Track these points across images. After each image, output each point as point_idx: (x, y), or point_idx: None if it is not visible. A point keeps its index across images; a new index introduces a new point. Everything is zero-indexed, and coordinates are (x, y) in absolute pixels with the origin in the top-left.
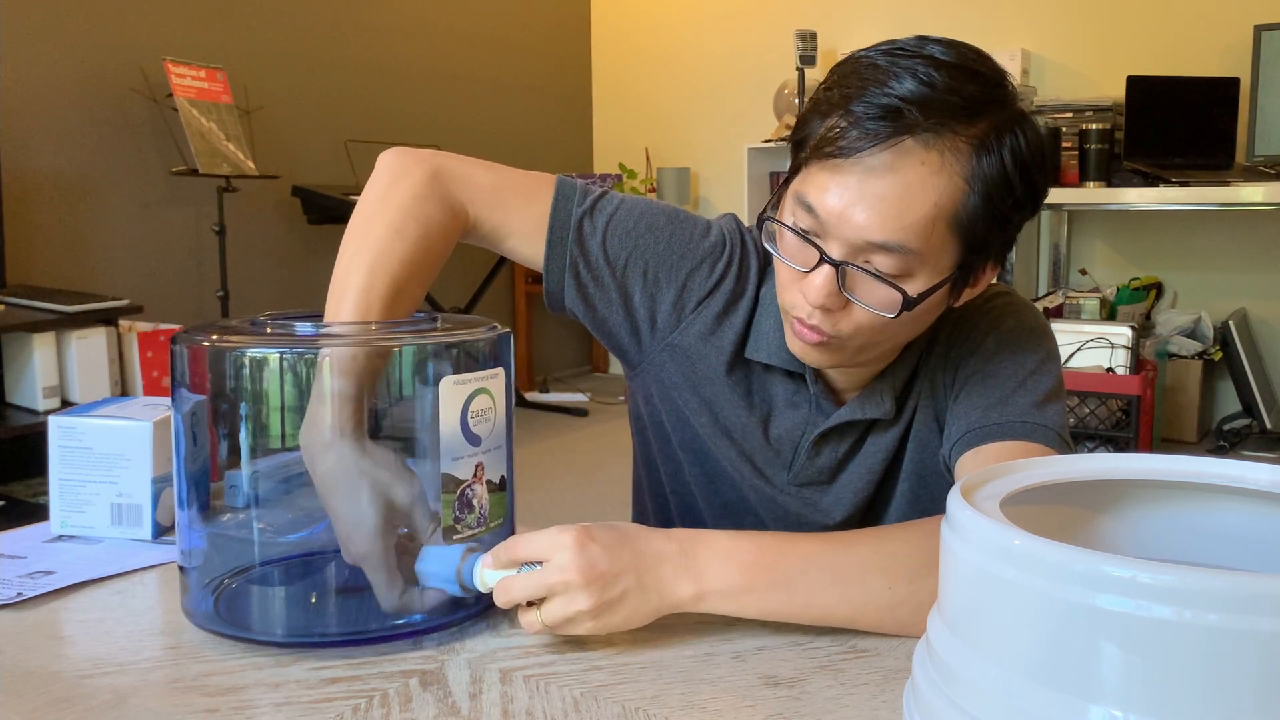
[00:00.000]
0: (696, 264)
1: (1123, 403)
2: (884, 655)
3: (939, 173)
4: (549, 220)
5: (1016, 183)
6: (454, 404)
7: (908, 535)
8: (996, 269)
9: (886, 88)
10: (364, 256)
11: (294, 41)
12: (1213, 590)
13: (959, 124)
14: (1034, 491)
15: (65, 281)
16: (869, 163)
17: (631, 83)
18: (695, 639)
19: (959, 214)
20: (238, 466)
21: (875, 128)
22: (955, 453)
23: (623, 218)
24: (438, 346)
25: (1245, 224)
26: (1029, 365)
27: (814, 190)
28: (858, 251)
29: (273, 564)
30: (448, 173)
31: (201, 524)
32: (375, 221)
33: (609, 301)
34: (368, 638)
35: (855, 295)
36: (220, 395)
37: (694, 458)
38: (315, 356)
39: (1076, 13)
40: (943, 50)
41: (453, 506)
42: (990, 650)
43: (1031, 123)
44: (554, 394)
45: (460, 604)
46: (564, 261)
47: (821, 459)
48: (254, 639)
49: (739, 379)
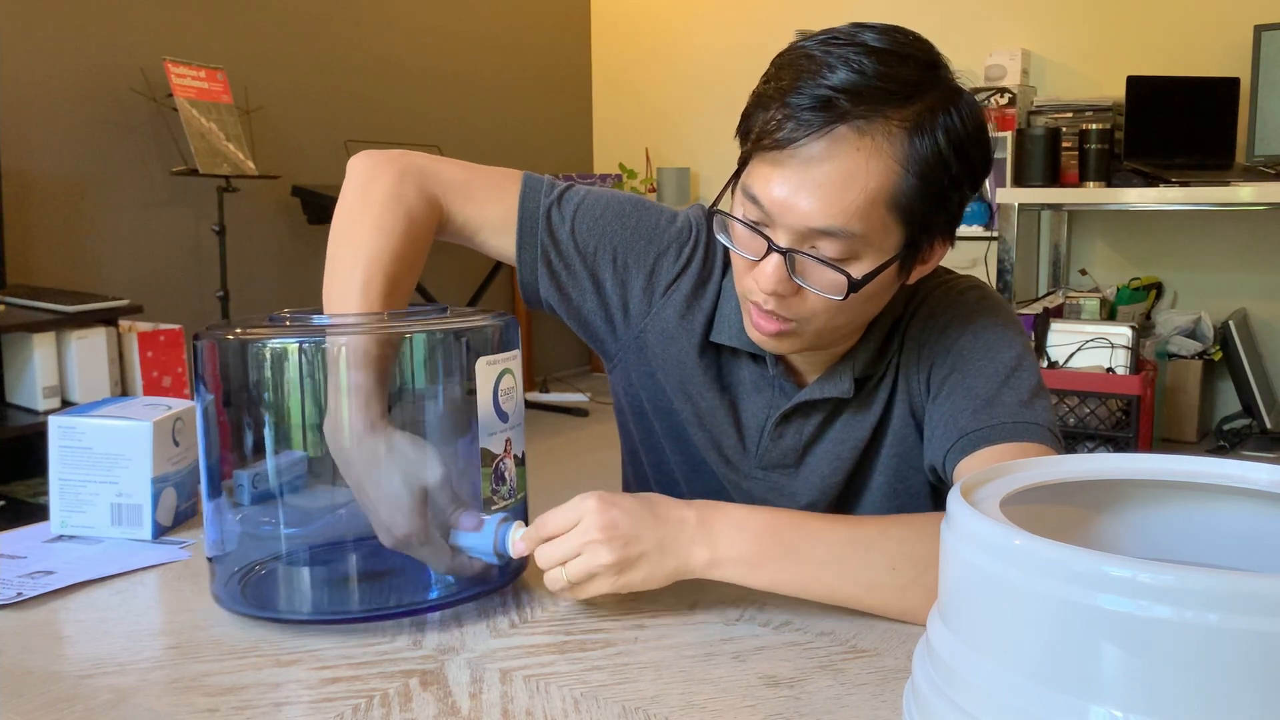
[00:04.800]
0: (664, 249)
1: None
2: (884, 655)
3: (874, 157)
4: (518, 212)
5: (952, 161)
6: (487, 383)
7: (915, 523)
8: (946, 245)
9: (820, 78)
10: (358, 257)
11: (294, 41)
12: (1213, 590)
13: (891, 108)
14: (1034, 491)
15: (65, 281)
16: (806, 152)
17: (631, 82)
18: (695, 639)
19: (897, 196)
20: (273, 454)
21: (809, 118)
22: (950, 459)
23: (589, 207)
24: (460, 331)
25: (1245, 224)
26: (1008, 362)
27: (758, 182)
28: (803, 238)
29: (302, 551)
30: (418, 169)
31: (229, 513)
32: (359, 223)
33: (582, 290)
34: (420, 608)
35: (805, 280)
36: (249, 388)
37: (676, 445)
38: (343, 347)
39: (1076, 13)
40: (875, 36)
41: (490, 479)
42: (990, 650)
43: (967, 101)
44: (554, 394)
45: (480, 579)
46: (535, 252)
47: (785, 441)
48: (283, 618)
49: (709, 363)
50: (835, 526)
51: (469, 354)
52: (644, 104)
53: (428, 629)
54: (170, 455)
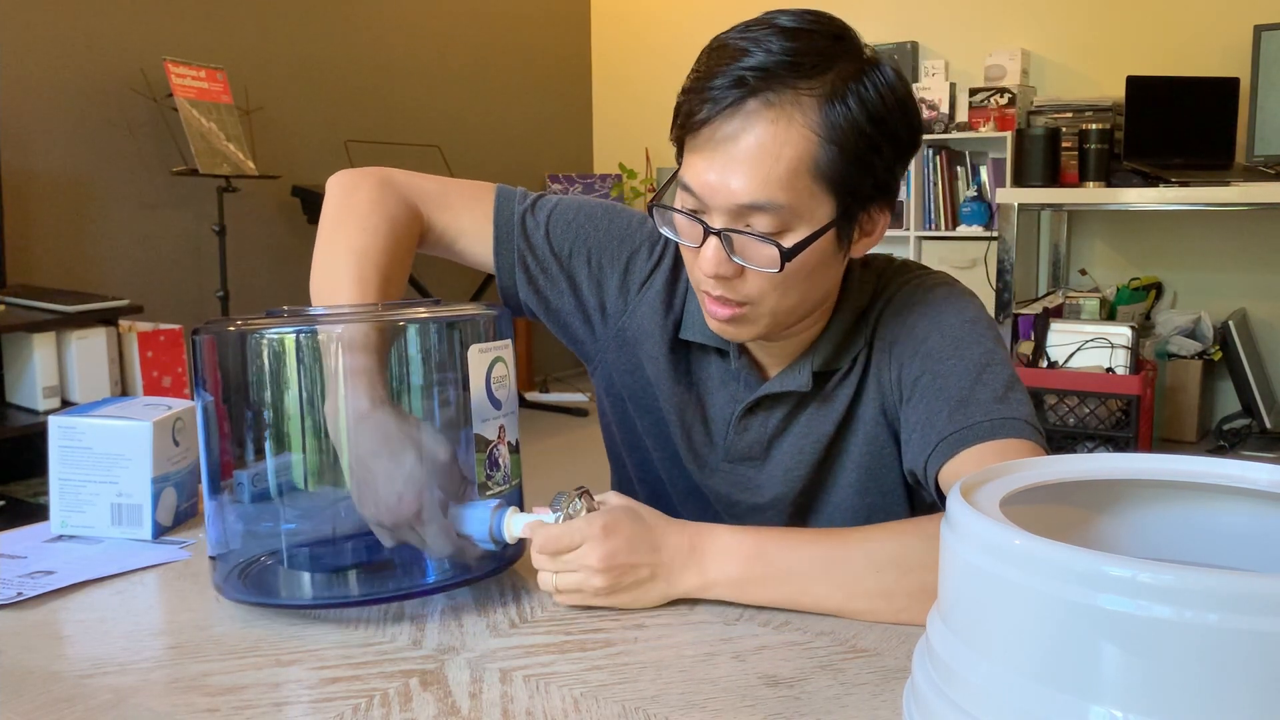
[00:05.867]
0: (636, 247)
1: (1123, 403)
2: (884, 655)
3: (787, 128)
4: (494, 219)
5: (868, 127)
6: (480, 370)
7: (898, 529)
8: (884, 214)
9: (736, 63)
10: (348, 255)
11: (294, 41)
12: (1213, 590)
13: (799, 80)
14: (1034, 491)
15: (65, 281)
16: (723, 132)
17: (632, 82)
18: (695, 639)
19: (819, 164)
20: (274, 448)
21: (720, 95)
22: (931, 464)
23: (562, 211)
24: (453, 321)
25: (1245, 224)
26: (979, 359)
27: (688, 171)
28: (736, 217)
29: (303, 542)
30: (396, 181)
31: (231, 508)
32: (343, 228)
33: (559, 292)
34: (417, 591)
35: (744, 259)
36: (248, 381)
37: (657, 442)
38: (346, 329)
39: (1076, 13)
40: (787, 18)
41: (484, 465)
42: (990, 650)
43: (882, 71)
44: (554, 394)
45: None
46: (512, 257)
47: (751, 434)
48: (285, 605)
49: (679, 359)
50: (819, 539)
51: (462, 344)
52: (644, 104)
53: (428, 629)
54: (170, 455)
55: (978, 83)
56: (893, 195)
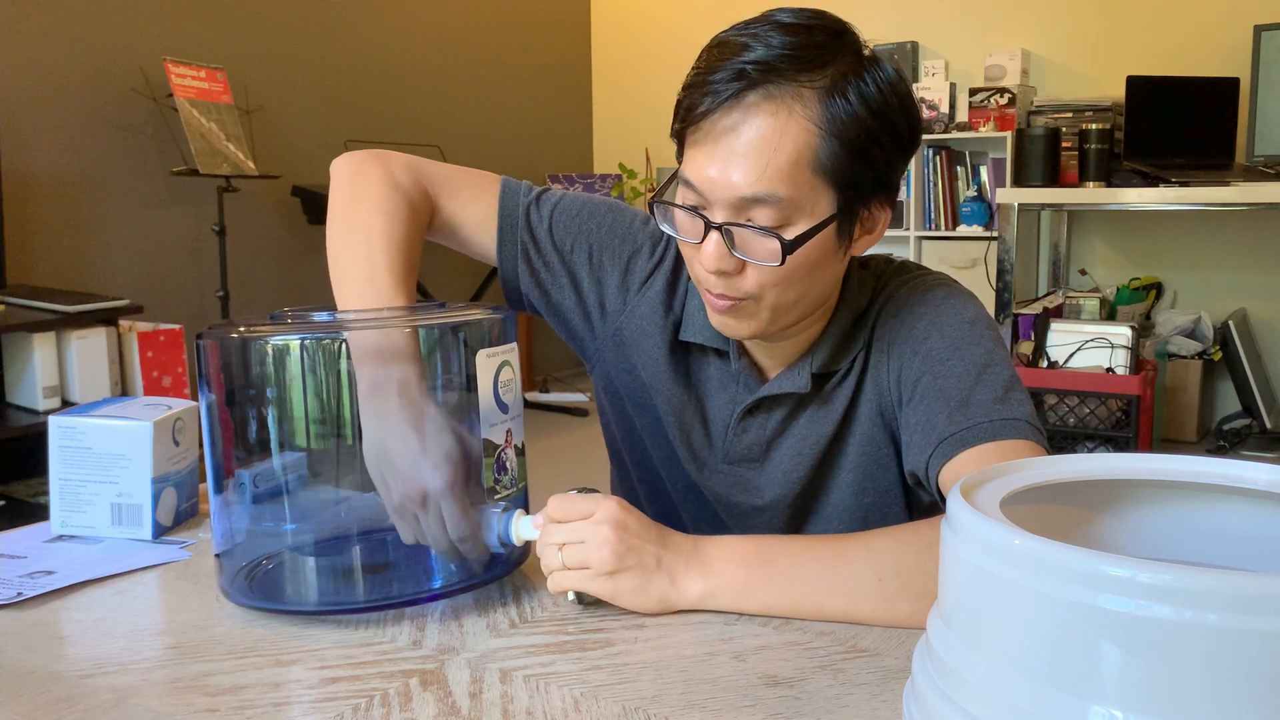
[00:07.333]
0: (637, 248)
1: (1123, 403)
2: (884, 655)
3: (788, 120)
4: (498, 211)
5: (869, 123)
6: (488, 375)
7: (897, 534)
8: (885, 211)
9: (737, 58)
10: (371, 240)
11: (294, 41)
12: (1213, 590)
13: (799, 73)
14: (1034, 491)
15: (65, 281)
16: (723, 125)
17: (632, 82)
18: (695, 639)
19: (818, 157)
20: (279, 451)
21: (721, 89)
22: (933, 465)
23: (566, 207)
24: (459, 325)
25: (1245, 224)
26: (979, 359)
27: (689, 167)
28: (737, 211)
29: (309, 544)
30: (403, 162)
31: (239, 508)
32: (360, 210)
33: (560, 286)
34: (423, 596)
35: (745, 253)
36: (252, 387)
37: (656, 440)
38: (387, 332)
39: (1076, 13)
40: (788, 15)
41: (492, 469)
42: (990, 650)
43: (881, 67)
44: (554, 394)
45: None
46: (515, 249)
47: (750, 435)
48: (291, 610)
49: (679, 360)
50: (820, 545)
51: (468, 348)
52: (644, 104)
53: (428, 629)
54: (170, 455)
55: (978, 83)
56: (893, 192)
